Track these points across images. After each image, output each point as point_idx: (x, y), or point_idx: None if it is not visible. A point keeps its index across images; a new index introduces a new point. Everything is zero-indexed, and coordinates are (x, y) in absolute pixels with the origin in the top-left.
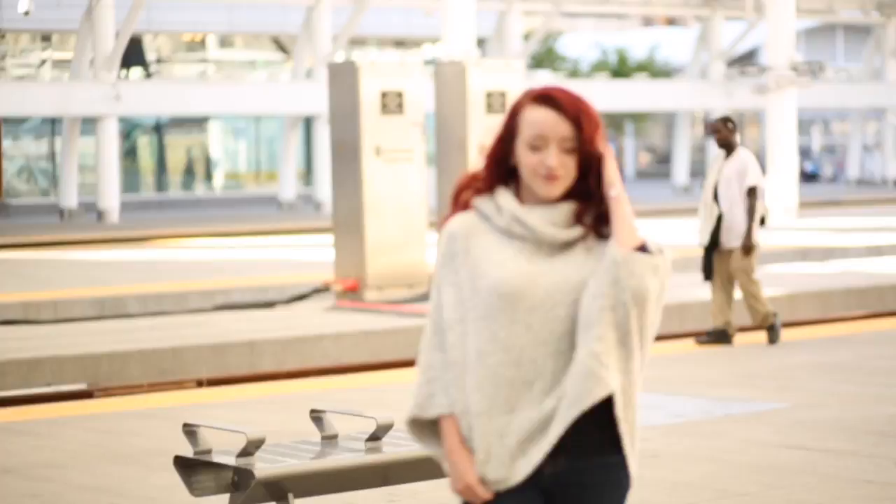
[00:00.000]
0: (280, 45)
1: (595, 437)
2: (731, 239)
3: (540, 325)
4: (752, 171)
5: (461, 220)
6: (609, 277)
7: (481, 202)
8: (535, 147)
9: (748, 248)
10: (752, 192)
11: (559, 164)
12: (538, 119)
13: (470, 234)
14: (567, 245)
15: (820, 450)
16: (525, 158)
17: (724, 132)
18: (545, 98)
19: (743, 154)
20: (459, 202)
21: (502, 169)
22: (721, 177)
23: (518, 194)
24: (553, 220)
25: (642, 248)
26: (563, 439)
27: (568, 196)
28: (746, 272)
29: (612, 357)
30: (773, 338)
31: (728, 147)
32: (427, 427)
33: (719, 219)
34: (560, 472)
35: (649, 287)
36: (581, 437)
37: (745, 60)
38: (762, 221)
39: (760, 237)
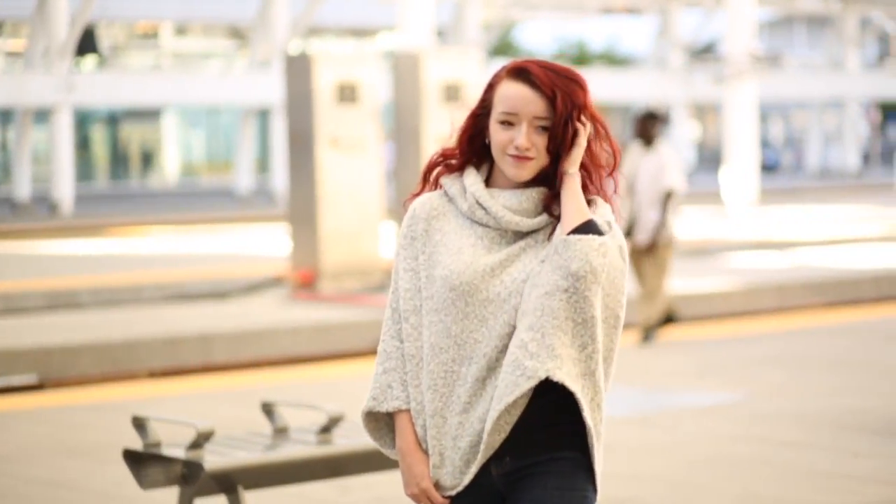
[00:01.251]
0: (236, 33)
1: (540, 435)
2: (643, 234)
3: (495, 318)
4: (669, 172)
5: (425, 199)
6: (550, 265)
7: (449, 181)
8: (507, 124)
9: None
10: (668, 196)
11: (530, 143)
12: (511, 94)
13: (432, 217)
14: (531, 232)
15: (776, 442)
16: (495, 136)
17: (642, 127)
18: (520, 72)
19: (663, 151)
20: (429, 180)
21: (475, 146)
22: (640, 171)
23: (491, 174)
24: (519, 207)
25: (588, 227)
26: (507, 439)
27: (541, 180)
28: (663, 269)
29: (543, 347)
30: (647, 336)
31: (647, 141)
32: (383, 421)
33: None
34: (508, 473)
35: (596, 267)
36: (525, 436)
37: (708, 51)
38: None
39: (678, 231)
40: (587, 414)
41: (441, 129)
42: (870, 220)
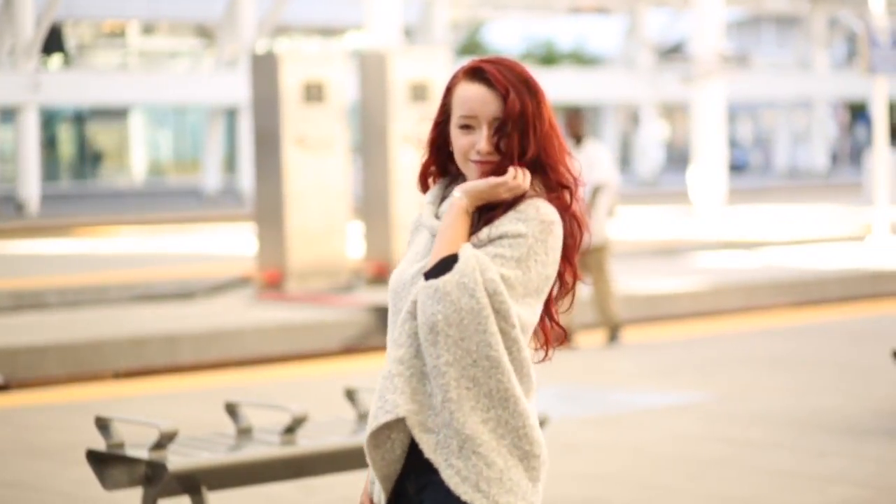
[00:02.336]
0: (203, 32)
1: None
2: None
3: None
4: (598, 167)
5: (417, 211)
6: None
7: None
8: (467, 128)
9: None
10: (597, 190)
11: (491, 147)
12: (468, 96)
13: (415, 227)
14: None
15: (742, 442)
16: (456, 142)
17: (570, 124)
18: (475, 72)
19: (591, 147)
20: (428, 188)
21: (443, 156)
22: None
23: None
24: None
25: (439, 267)
26: (409, 457)
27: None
28: (601, 269)
29: (409, 385)
30: (613, 337)
31: (576, 139)
32: None
33: None
34: (417, 491)
35: (428, 318)
36: (418, 454)
37: (676, 51)
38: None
39: (611, 231)
40: (441, 467)
41: (408, 128)
42: (838, 220)
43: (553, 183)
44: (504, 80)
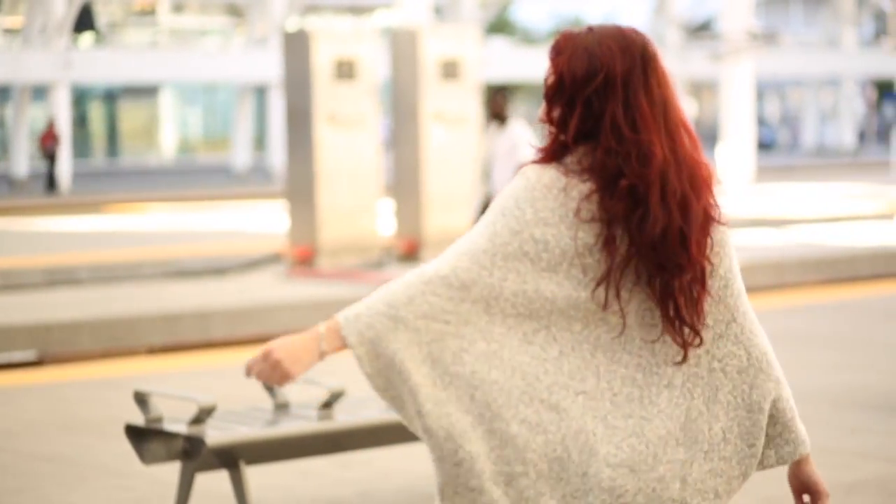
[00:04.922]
0: (234, 10)
1: None
2: None
3: None
4: (521, 149)
5: None
6: None
7: None
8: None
9: None
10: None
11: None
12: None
13: None
14: None
15: None
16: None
17: (493, 104)
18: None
19: (514, 127)
20: None
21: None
22: (495, 152)
23: None
24: None
25: None
26: None
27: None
28: None
29: None
30: None
31: (500, 119)
32: None
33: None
34: None
35: None
36: None
37: (704, 28)
38: None
39: None
40: None
41: (439, 105)
42: (866, 197)
43: (598, 163)
44: (559, 46)
